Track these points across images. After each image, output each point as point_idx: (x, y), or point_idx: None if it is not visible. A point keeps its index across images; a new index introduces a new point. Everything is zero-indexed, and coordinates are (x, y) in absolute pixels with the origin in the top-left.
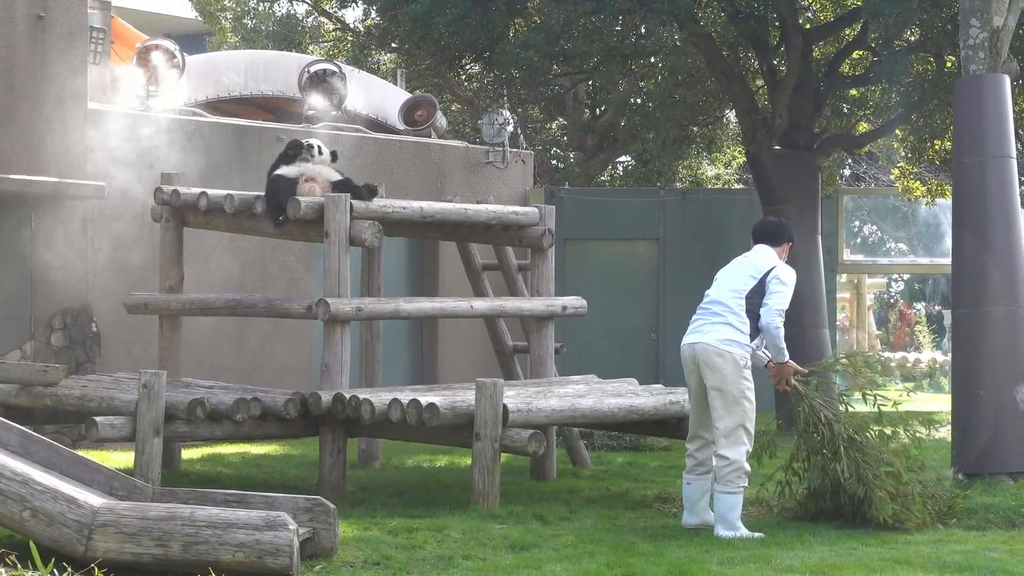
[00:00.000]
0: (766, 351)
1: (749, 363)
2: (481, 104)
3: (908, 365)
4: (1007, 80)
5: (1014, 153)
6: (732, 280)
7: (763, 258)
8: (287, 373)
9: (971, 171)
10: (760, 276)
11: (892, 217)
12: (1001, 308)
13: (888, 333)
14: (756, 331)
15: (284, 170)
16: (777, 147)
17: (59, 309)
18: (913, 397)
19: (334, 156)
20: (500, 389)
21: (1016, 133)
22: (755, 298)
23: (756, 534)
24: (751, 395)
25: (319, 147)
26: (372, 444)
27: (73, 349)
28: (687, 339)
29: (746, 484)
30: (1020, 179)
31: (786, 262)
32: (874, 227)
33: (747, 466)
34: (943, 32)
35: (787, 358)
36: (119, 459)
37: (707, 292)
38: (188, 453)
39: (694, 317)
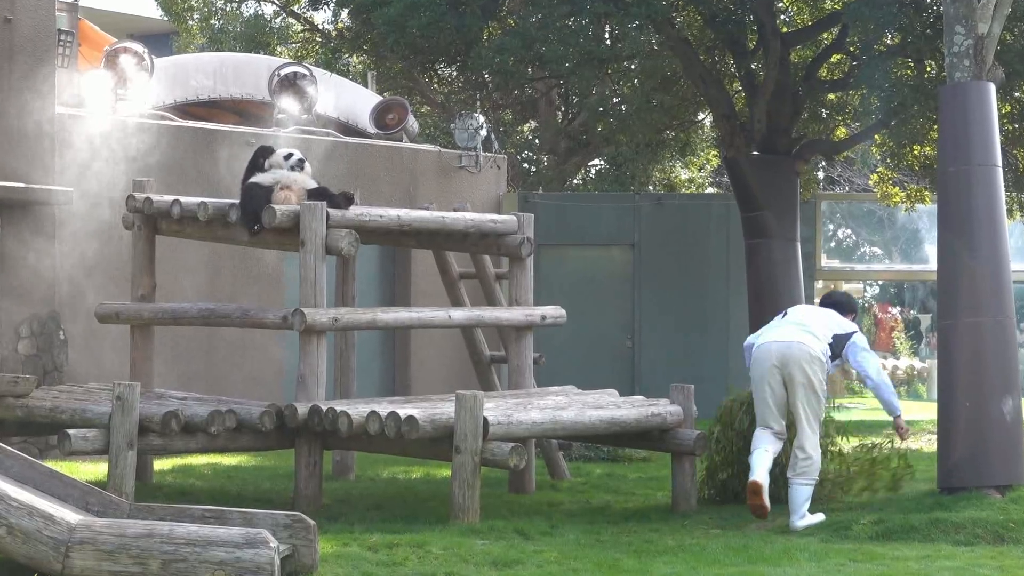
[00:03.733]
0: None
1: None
2: (454, 108)
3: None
4: (992, 88)
5: (1000, 162)
6: (817, 321)
7: (844, 321)
8: (255, 382)
9: (957, 180)
10: (842, 335)
11: (868, 221)
12: (988, 319)
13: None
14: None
15: (259, 178)
16: (755, 152)
17: (26, 316)
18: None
19: (300, 162)
20: (480, 401)
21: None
22: (832, 348)
23: (818, 517)
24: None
25: (290, 153)
26: (347, 456)
27: (40, 357)
28: (778, 337)
29: (817, 477)
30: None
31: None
32: (848, 231)
33: (819, 459)
34: (923, 37)
35: (900, 412)
36: (89, 470)
37: (785, 314)
38: (159, 464)
39: (778, 324)
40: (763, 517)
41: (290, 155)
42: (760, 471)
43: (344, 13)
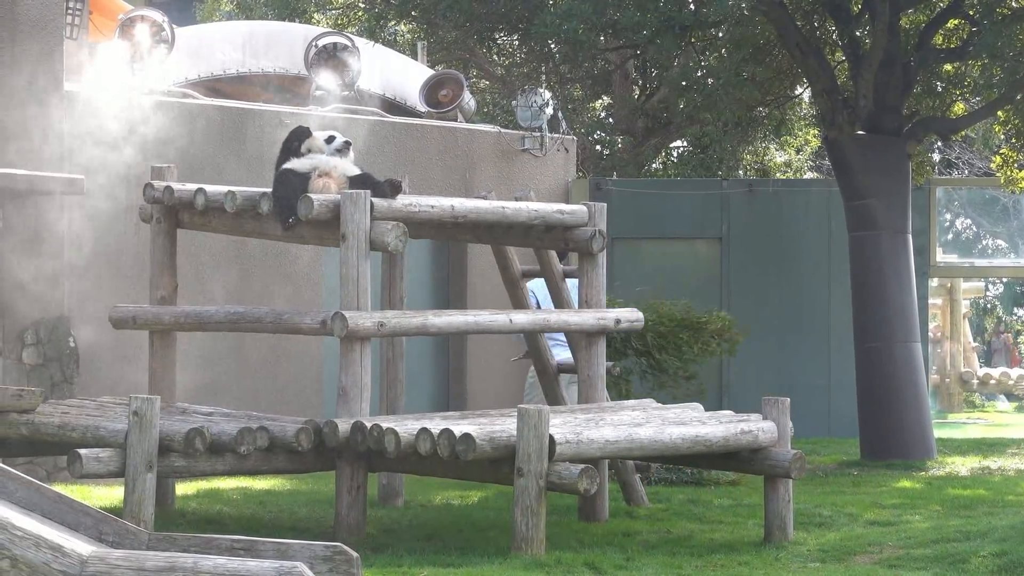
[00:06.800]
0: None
1: None
2: (515, 82)
3: (1010, 382)
4: None
5: None
6: None
7: None
8: (291, 395)
9: None
10: None
11: (990, 210)
12: None
13: (984, 344)
14: None
15: (294, 164)
16: (860, 132)
17: (32, 321)
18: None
19: (347, 145)
20: (546, 417)
21: None
22: None
23: None
24: None
25: (332, 136)
26: (394, 479)
27: (48, 367)
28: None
29: None
30: None
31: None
32: (968, 221)
33: None
34: None
35: None
36: (103, 495)
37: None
38: (181, 488)
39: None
40: None
41: (332, 138)
42: None
43: None
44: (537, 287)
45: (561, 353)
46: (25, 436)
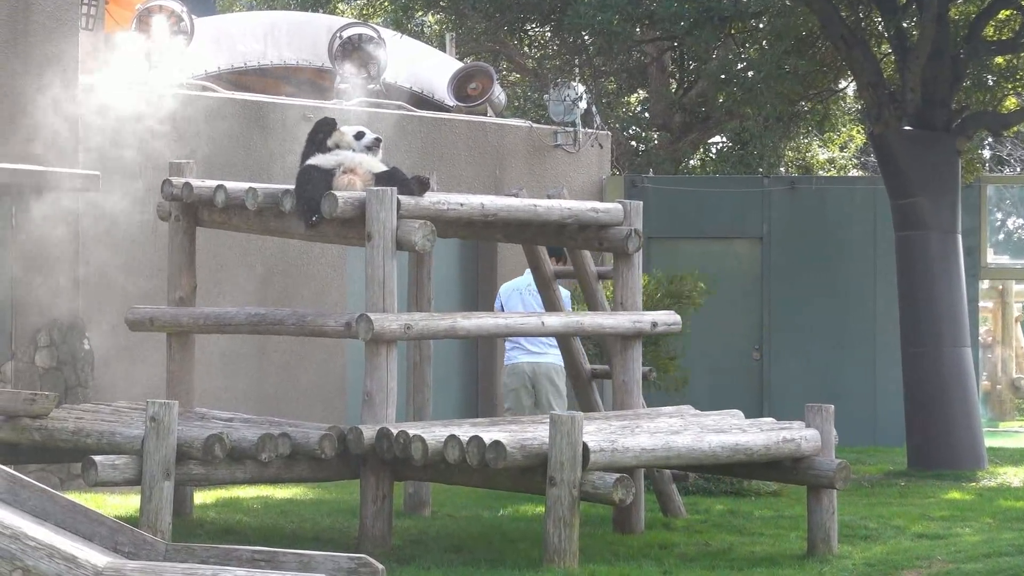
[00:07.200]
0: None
1: None
2: (547, 75)
3: None
4: None
5: None
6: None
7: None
8: (314, 401)
9: None
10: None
11: None
12: None
13: None
14: None
15: (318, 159)
16: (908, 127)
17: (45, 323)
18: None
19: (377, 141)
20: (579, 424)
21: None
22: None
23: None
24: None
25: (361, 132)
26: (421, 488)
27: (61, 370)
28: (528, 357)
29: None
30: None
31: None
32: (1020, 221)
33: None
34: None
35: None
36: (118, 504)
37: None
38: (200, 497)
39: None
40: None
41: (361, 134)
42: None
43: None
44: (505, 292)
45: (520, 357)
46: (38, 442)
